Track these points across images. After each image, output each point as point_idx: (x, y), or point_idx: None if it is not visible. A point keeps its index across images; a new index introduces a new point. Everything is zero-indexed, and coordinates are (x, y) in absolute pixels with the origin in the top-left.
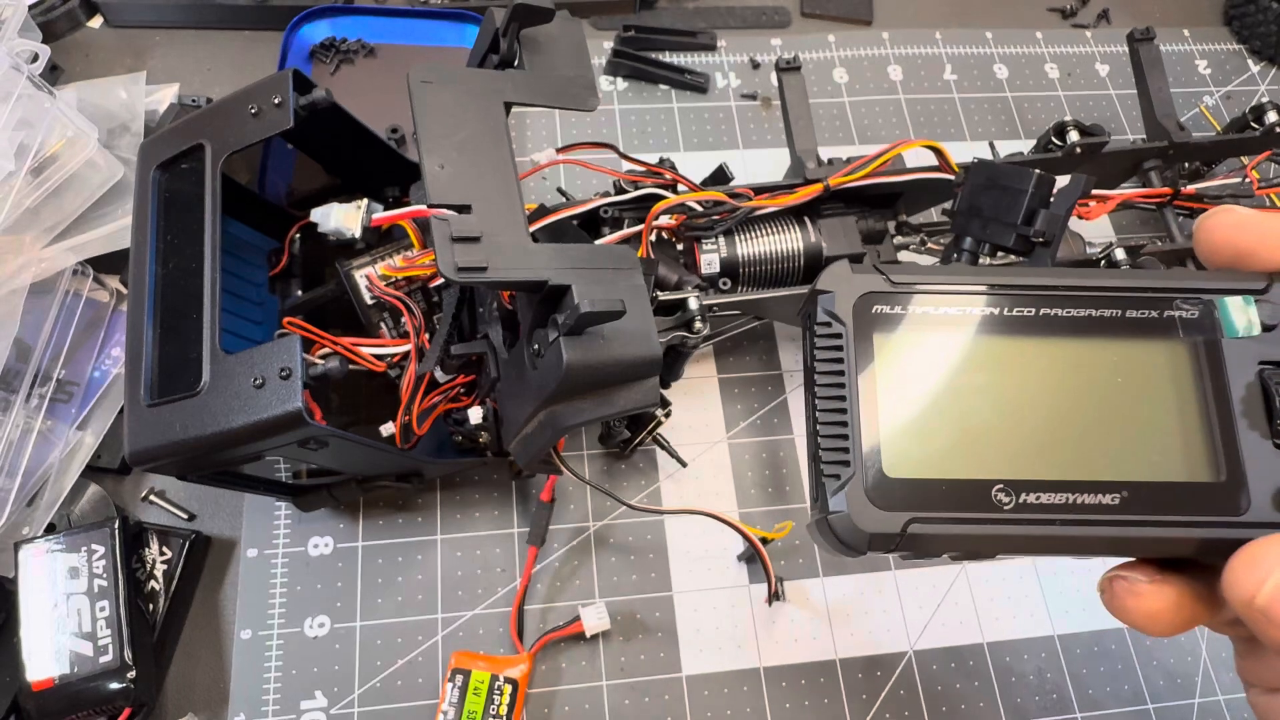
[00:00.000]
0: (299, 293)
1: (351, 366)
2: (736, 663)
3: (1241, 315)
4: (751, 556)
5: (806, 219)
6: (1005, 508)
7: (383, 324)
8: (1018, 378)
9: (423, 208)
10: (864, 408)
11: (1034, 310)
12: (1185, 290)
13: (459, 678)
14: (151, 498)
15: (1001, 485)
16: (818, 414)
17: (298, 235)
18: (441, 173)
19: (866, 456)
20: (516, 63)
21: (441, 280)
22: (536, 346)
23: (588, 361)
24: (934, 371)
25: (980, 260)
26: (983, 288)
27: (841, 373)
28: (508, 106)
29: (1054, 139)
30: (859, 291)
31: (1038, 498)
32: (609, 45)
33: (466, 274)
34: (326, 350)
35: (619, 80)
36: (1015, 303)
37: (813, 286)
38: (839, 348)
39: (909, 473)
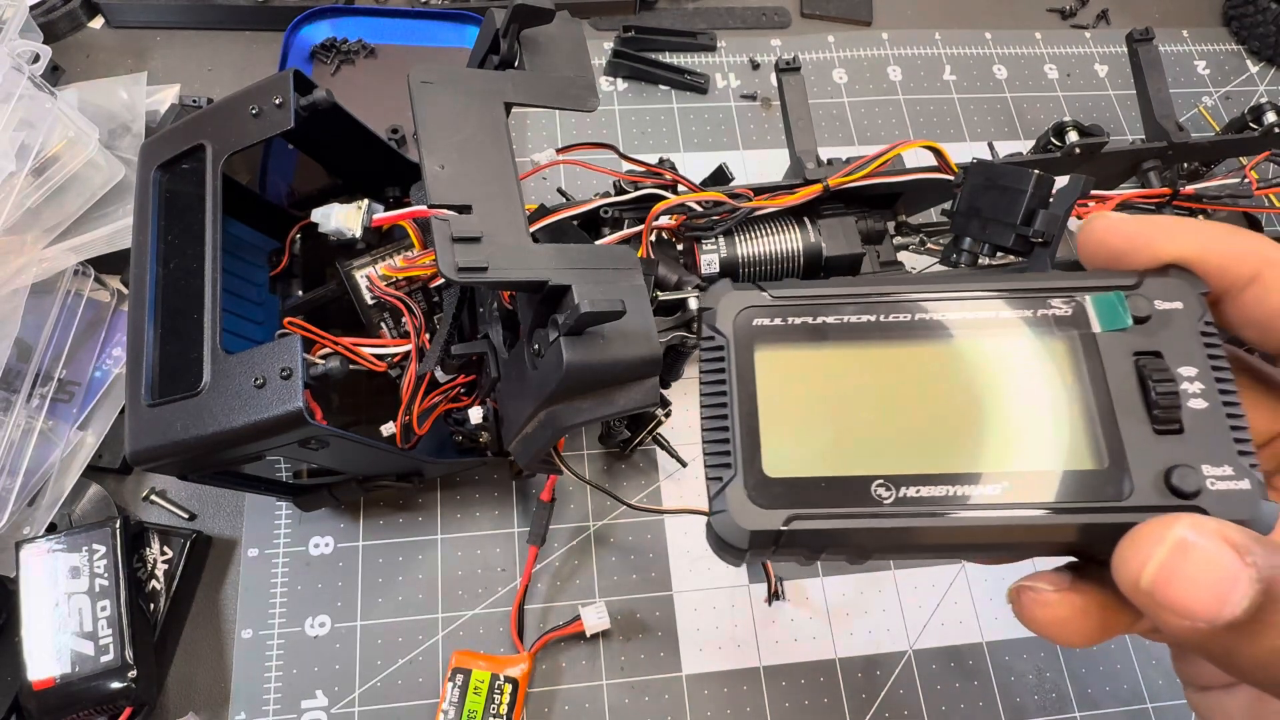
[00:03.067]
0: (299, 293)
1: (352, 367)
2: (736, 662)
3: (1112, 310)
4: None
5: (806, 219)
6: (885, 502)
7: (383, 324)
8: (896, 379)
9: (423, 208)
10: (744, 414)
11: (910, 316)
12: (1059, 289)
13: (459, 677)
14: (152, 497)
15: (881, 480)
16: (703, 423)
17: (298, 235)
18: (442, 173)
19: (747, 459)
20: (516, 63)
21: (442, 280)
22: (536, 346)
23: (588, 361)
24: (813, 377)
25: (980, 260)
26: (860, 298)
27: (723, 382)
28: (508, 107)
29: (1053, 139)
30: (739, 306)
31: (918, 491)
32: (609, 46)
33: (467, 274)
34: (327, 350)
35: (619, 81)
36: (892, 309)
37: (699, 304)
38: (721, 359)
39: (789, 472)
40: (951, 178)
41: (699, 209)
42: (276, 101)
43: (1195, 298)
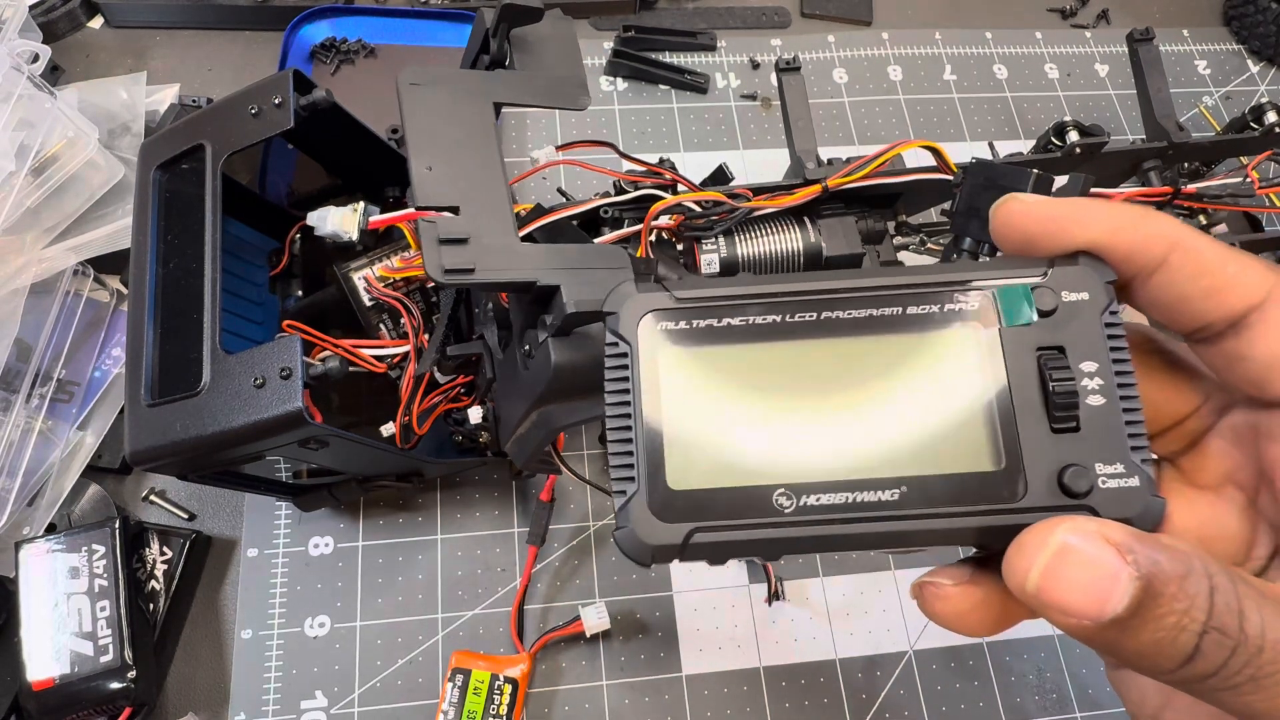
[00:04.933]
0: (299, 293)
1: (351, 368)
2: (736, 663)
3: (1017, 303)
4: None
5: (806, 219)
6: (786, 511)
7: (382, 325)
8: (800, 381)
9: (412, 210)
10: (648, 423)
11: (815, 314)
12: (965, 282)
13: (459, 677)
14: (152, 498)
15: (783, 489)
16: (608, 432)
17: (298, 235)
18: (429, 175)
19: (650, 471)
20: (507, 63)
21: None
22: (527, 347)
23: (576, 362)
24: (718, 382)
25: (980, 260)
26: (766, 297)
27: (627, 391)
28: (497, 107)
29: (1053, 139)
30: (643, 310)
31: (818, 499)
32: (609, 45)
33: (453, 275)
34: (327, 351)
35: (619, 80)
36: (797, 308)
37: (603, 306)
38: (625, 367)
39: (692, 484)
40: (951, 178)
41: (698, 209)
42: (276, 101)
43: (1102, 286)
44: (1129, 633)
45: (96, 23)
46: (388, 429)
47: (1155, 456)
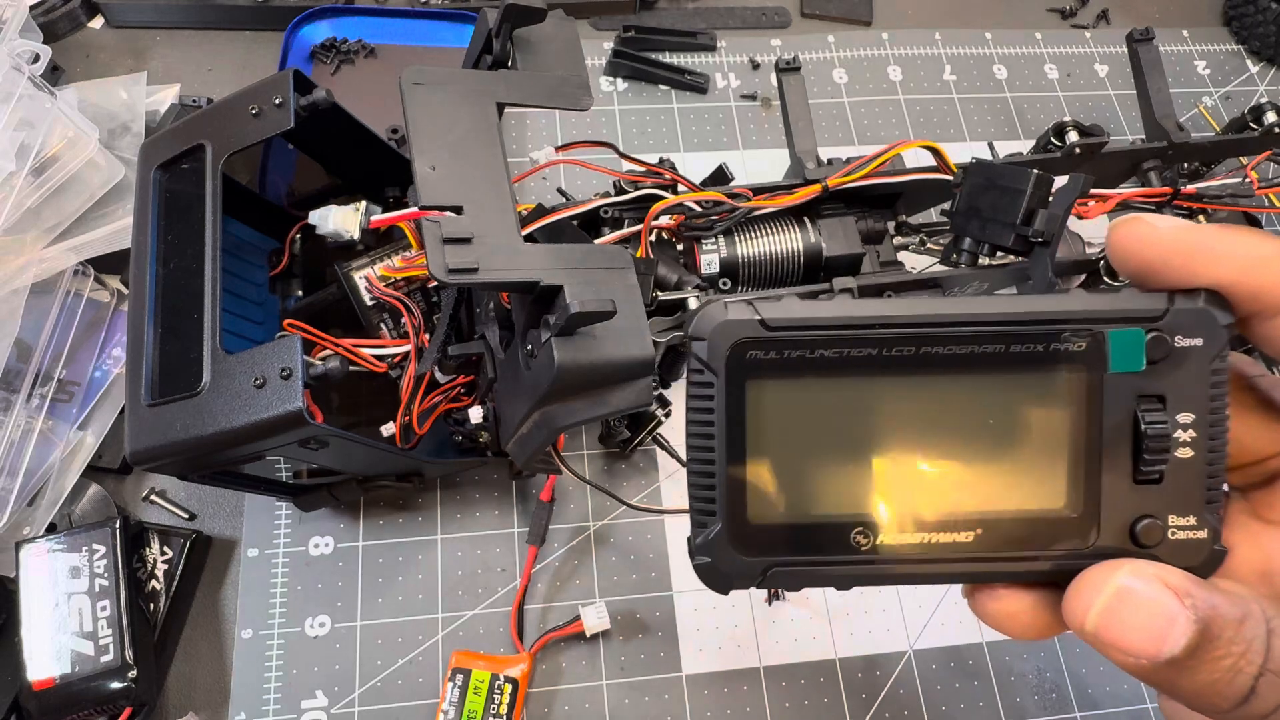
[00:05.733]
0: (299, 293)
1: (352, 367)
2: (736, 663)
3: (1129, 350)
4: None
5: (806, 219)
6: (863, 549)
7: (383, 325)
8: (889, 419)
9: (415, 210)
10: (732, 456)
11: (914, 349)
12: (1077, 320)
13: (459, 677)
14: (152, 497)
15: (860, 528)
16: (689, 463)
17: (298, 235)
18: (433, 174)
19: (732, 505)
20: (510, 63)
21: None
22: (530, 347)
23: (579, 362)
24: (806, 416)
25: (980, 260)
26: (863, 329)
27: (711, 423)
28: (500, 107)
29: (1053, 139)
30: (733, 339)
31: (895, 539)
32: (609, 45)
33: (457, 275)
34: (327, 351)
35: (619, 80)
36: (895, 343)
37: (686, 330)
38: (710, 397)
39: (772, 519)
40: (951, 178)
41: (698, 209)
42: (276, 101)
43: (1219, 330)
44: (1186, 673)
45: (96, 23)
46: (388, 429)
47: (1226, 489)
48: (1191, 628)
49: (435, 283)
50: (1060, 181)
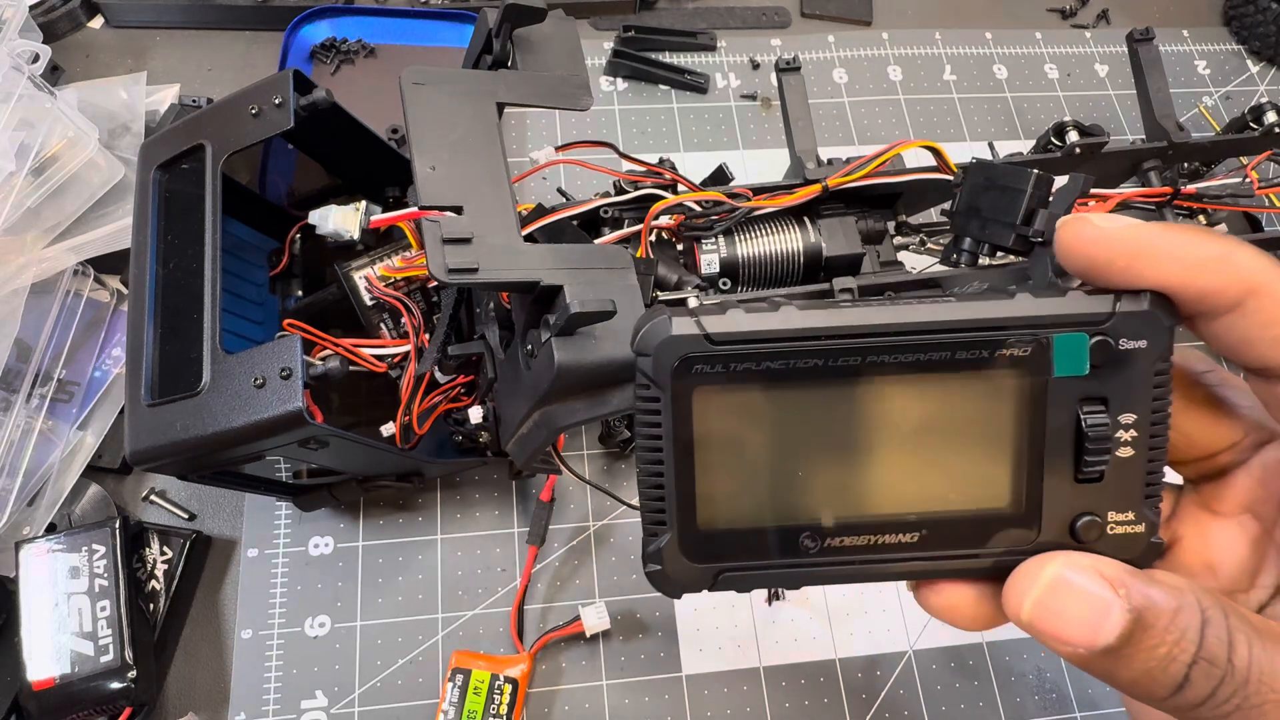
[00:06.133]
0: (299, 293)
1: (352, 367)
2: (736, 663)
3: (1073, 354)
4: None
5: (806, 219)
6: (811, 552)
7: (382, 325)
8: (836, 426)
9: (415, 209)
10: (680, 467)
11: (859, 359)
12: (1022, 325)
13: (459, 677)
14: (152, 498)
15: (808, 531)
16: (639, 473)
17: (298, 235)
18: (433, 174)
19: (681, 514)
20: (510, 63)
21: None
22: (530, 347)
23: (579, 362)
24: (753, 426)
25: (980, 260)
26: (808, 340)
27: (659, 436)
28: (500, 107)
29: (1053, 139)
30: (678, 354)
31: (841, 541)
32: (609, 45)
33: (457, 275)
34: (327, 351)
35: (619, 80)
36: (841, 353)
37: (634, 343)
38: (656, 411)
39: (721, 524)
40: (951, 178)
41: (698, 209)
42: (276, 101)
43: (1164, 332)
44: (1122, 661)
45: (96, 23)
46: (388, 429)
47: (1180, 481)
48: (1125, 617)
49: (435, 283)
50: (1061, 181)
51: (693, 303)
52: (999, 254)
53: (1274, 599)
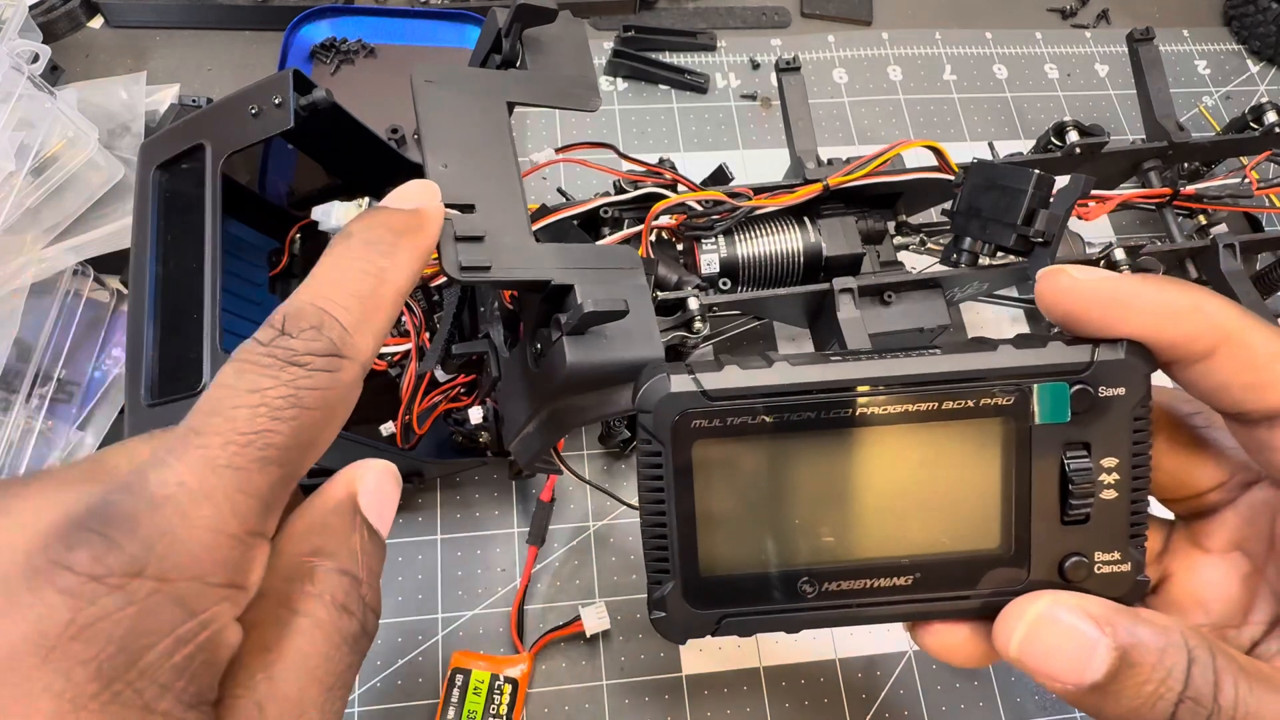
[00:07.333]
0: None
1: None
2: (736, 663)
3: (1055, 403)
4: None
5: (806, 219)
6: (809, 596)
7: None
8: (831, 474)
9: None
10: (682, 517)
11: (851, 411)
12: (1005, 377)
13: (459, 677)
14: None
15: (806, 577)
16: (642, 524)
17: (298, 235)
18: (445, 172)
19: (684, 562)
20: (519, 63)
21: (442, 279)
22: (539, 346)
23: (590, 361)
24: (751, 476)
25: (980, 260)
26: (801, 394)
27: (661, 488)
28: (510, 106)
29: (1053, 139)
30: (677, 410)
31: (838, 585)
32: (609, 45)
33: (470, 273)
34: None
35: (619, 80)
36: (833, 406)
37: (634, 400)
38: (658, 465)
39: (723, 571)
40: (951, 177)
41: (699, 208)
42: (276, 101)
43: (1141, 378)
44: (1109, 698)
45: (96, 23)
46: (388, 429)
47: (1172, 517)
48: (1111, 654)
49: (436, 281)
50: (1061, 182)
51: (693, 356)
52: (999, 254)
53: (1267, 635)
